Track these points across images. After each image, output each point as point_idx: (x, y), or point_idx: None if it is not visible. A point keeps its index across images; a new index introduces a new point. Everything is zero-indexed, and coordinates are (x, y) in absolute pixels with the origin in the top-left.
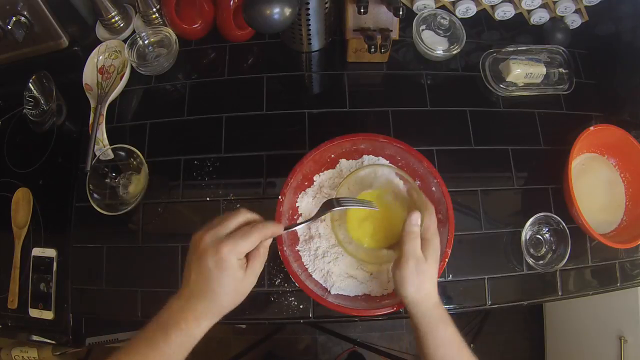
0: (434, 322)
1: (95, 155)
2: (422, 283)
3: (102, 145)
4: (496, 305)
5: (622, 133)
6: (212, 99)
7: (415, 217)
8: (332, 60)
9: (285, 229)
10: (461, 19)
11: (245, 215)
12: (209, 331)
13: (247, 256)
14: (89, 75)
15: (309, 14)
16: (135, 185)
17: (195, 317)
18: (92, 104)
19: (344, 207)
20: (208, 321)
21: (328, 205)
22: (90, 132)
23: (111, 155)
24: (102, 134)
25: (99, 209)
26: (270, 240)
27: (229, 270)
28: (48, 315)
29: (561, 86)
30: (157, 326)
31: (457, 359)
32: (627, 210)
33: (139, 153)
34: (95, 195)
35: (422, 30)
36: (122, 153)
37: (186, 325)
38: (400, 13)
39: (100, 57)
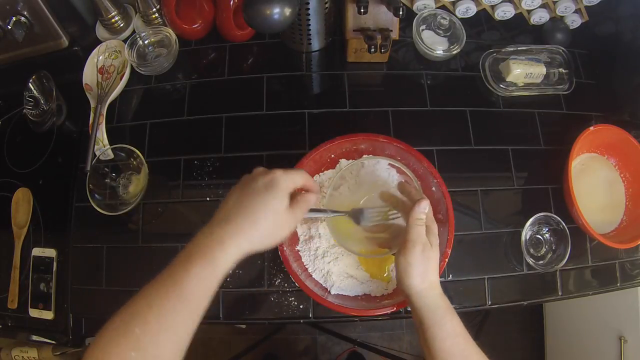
0: (441, 314)
1: (95, 155)
2: (427, 271)
3: (102, 145)
4: (496, 305)
5: (622, 133)
6: (212, 99)
7: (424, 205)
8: (332, 60)
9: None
10: (461, 19)
11: None
12: (209, 331)
13: (292, 201)
14: (89, 75)
15: (309, 14)
16: (135, 185)
17: (221, 241)
18: (92, 104)
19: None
20: (235, 248)
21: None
22: (90, 132)
23: (111, 155)
24: (102, 134)
25: (99, 209)
26: (310, 202)
27: (278, 191)
28: (48, 315)
29: (561, 86)
30: (178, 261)
31: (465, 351)
32: (627, 210)
33: (139, 153)
34: (95, 195)
35: (422, 30)
36: (122, 153)
37: (211, 252)
38: (400, 13)
39: (100, 57)
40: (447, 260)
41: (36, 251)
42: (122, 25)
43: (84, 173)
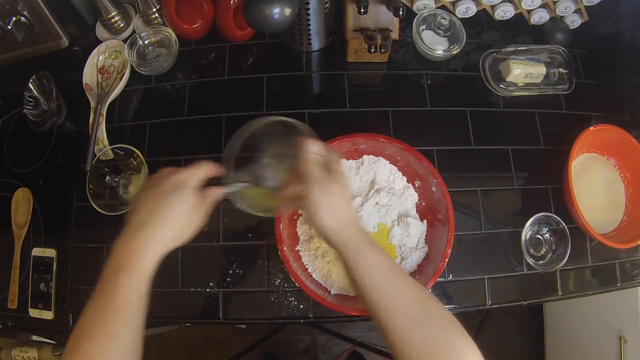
0: (362, 246)
1: (95, 155)
2: (338, 206)
3: (102, 146)
4: (496, 305)
5: (622, 133)
6: (212, 99)
7: (309, 143)
8: (332, 60)
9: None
10: (461, 19)
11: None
12: (209, 331)
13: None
14: (89, 75)
15: (309, 14)
16: (135, 185)
17: (140, 249)
18: (92, 104)
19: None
20: (154, 251)
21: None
22: (90, 132)
23: (111, 156)
24: (102, 134)
25: (99, 209)
26: (217, 195)
27: (187, 190)
28: (48, 315)
29: (561, 86)
30: (106, 274)
31: (392, 284)
32: (627, 210)
33: (139, 153)
34: (95, 196)
35: (422, 30)
36: (122, 153)
37: (130, 262)
38: (400, 13)
39: (100, 57)
40: (447, 260)
41: (36, 251)
42: (122, 25)
43: (84, 173)
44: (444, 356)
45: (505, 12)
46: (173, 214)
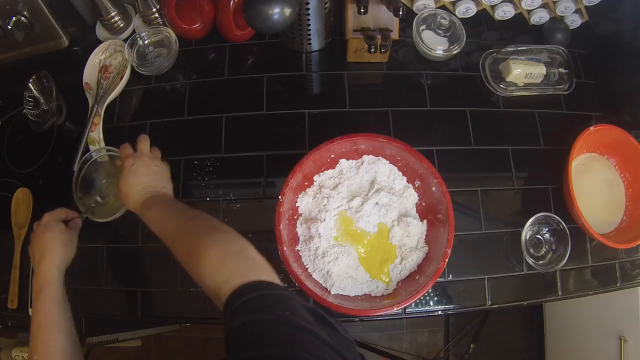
0: (145, 211)
1: (91, 156)
2: (128, 195)
3: (98, 146)
4: (496, 305)
5: (622, 133)
6: (212, 99)
7: (121, 147)
8: (332, 60)
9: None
10: (461, 19)
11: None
12: (209, 331)
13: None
14: (90, 74)
15: (309, 14)
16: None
17: (47, 269)
18: (91, 103)
19: None
20: (52, 274)
21: None
22: (85, 131)
23: (106, 159)
24: (99, 134)
25: (84, 213)
26: (78, 223)
27: (53, 225)
28: None
29: (561, 86)
30: (34, 298)
31: (164, 227)
32: (627, 210)
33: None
34: (83, 199)
35: (422, 30)
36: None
37: (45, 281)
38: (400, 13)
39: (102, 57)
40: (447, 260)
41: None
42: (122, 25)
43: (85, 172)
44: (193, 257)
45: (505, 12)
46: (53, 243)
